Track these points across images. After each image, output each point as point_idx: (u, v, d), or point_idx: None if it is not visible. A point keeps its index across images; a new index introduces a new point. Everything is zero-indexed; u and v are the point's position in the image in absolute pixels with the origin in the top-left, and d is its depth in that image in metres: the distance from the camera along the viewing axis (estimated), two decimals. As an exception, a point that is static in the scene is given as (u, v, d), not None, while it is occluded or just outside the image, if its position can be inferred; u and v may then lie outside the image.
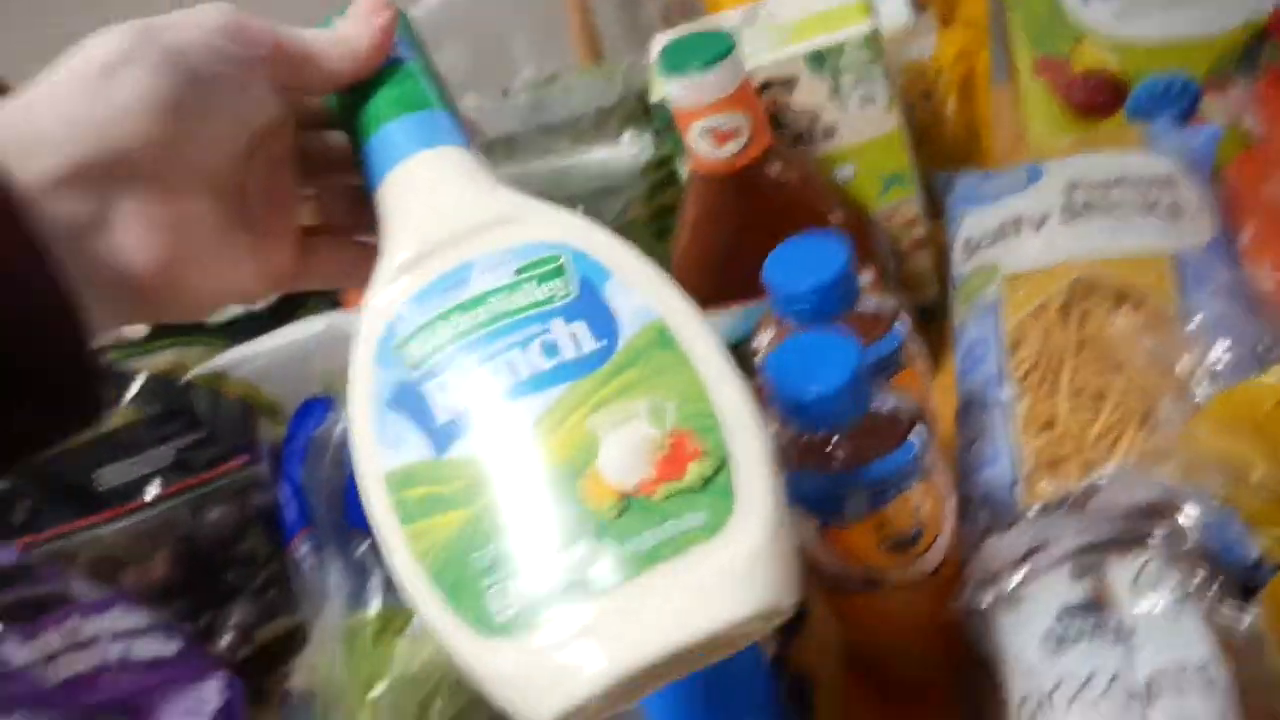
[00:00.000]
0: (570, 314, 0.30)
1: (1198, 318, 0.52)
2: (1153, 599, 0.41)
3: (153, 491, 0.56)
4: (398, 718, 0.50)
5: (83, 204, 0.28)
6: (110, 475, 0.55)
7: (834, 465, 0.41)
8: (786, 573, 0.28)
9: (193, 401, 0.56)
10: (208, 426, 0.56)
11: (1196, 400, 0.48)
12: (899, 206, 0.63)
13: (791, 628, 0.55)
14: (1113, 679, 0.39)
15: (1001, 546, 0.45)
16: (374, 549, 0.59)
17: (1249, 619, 0.42)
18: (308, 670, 0.58)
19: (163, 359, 0.63)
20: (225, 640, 0.61)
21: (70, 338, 0.27)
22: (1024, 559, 0.44)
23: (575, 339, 0.30)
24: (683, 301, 0.31)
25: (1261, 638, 0.42)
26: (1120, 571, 0.43)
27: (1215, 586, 0.43)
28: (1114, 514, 0.44)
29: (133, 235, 0.29)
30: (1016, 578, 0.44)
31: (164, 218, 0.29)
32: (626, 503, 0.28)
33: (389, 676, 0.52)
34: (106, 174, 0.28)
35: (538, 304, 0.31)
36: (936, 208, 0.68)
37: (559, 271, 0.31)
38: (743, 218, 0.56)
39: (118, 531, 0.57)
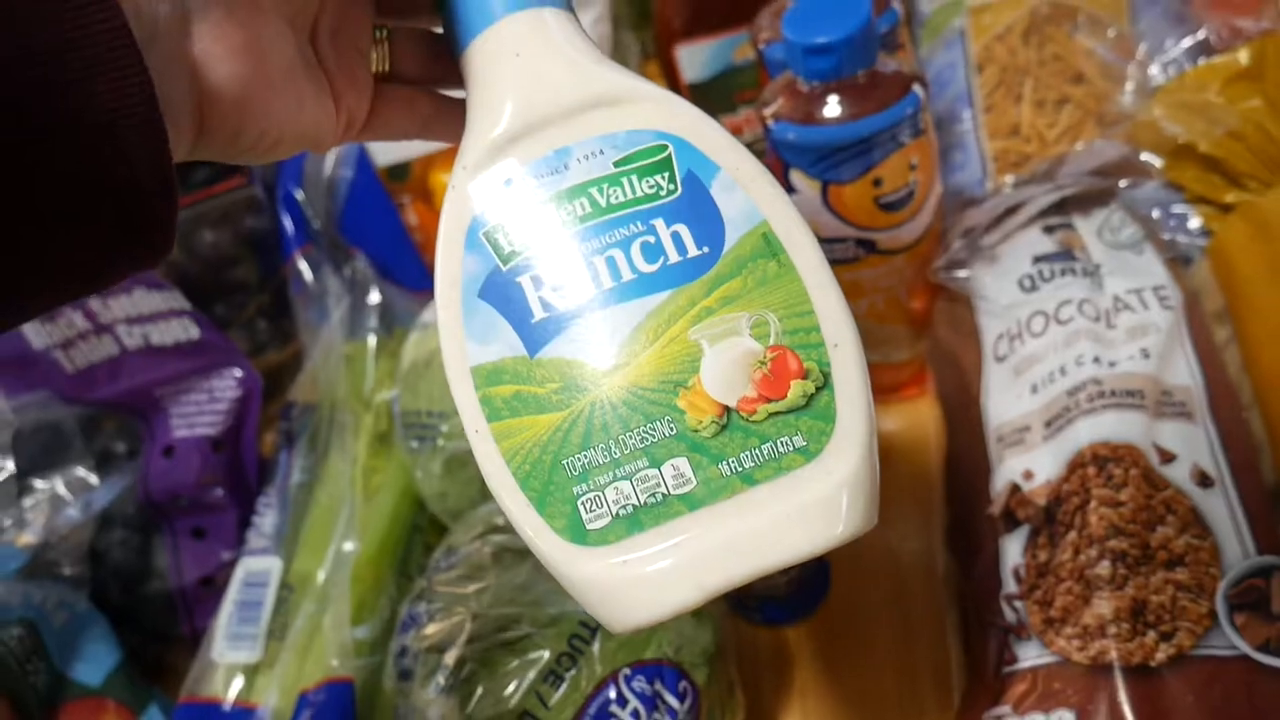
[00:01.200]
0: (674, 214, 0.29)
1: (1149, 23, 0.56)
2: (1116, 240, 0.46)
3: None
4: (413, 399, 0.52)
5: (167, 2, 0.26)
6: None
7: (840, 116, 0.44)
8: (875, 493, 0.28)
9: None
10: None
11: (1150, 89, 0.52)
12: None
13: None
14: (1082, 302, 0.44)
15: (979, 212, 0.49)
16: (369, 266, 0.61)
17: (1197, 261, 0.48)
18: (308, 384, 0.60)
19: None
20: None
21: (155, 143, 0.25)
22: (1000, 220, 0.49)
23: (679, 241, 0.29)
24: (787, 204, 0.30)
25: (1206, 279, 0.47)
26: (1087, 222, 0.47)
27: (1167, 237, 0.49)
28: (1080, 175, 0.49)
29: (212, 43, 0.27)
30: (994, 236, 0.48)
31: (242, 36, 0.27)
32: (727, 419, 0.28)
33: (400, 369, 0.54)
34: None
35: (641, 200, 0.29)
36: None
37: (664, 165, 0.30)
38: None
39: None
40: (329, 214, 0.60)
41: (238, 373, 0.53)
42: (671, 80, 0.66)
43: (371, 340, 0.59)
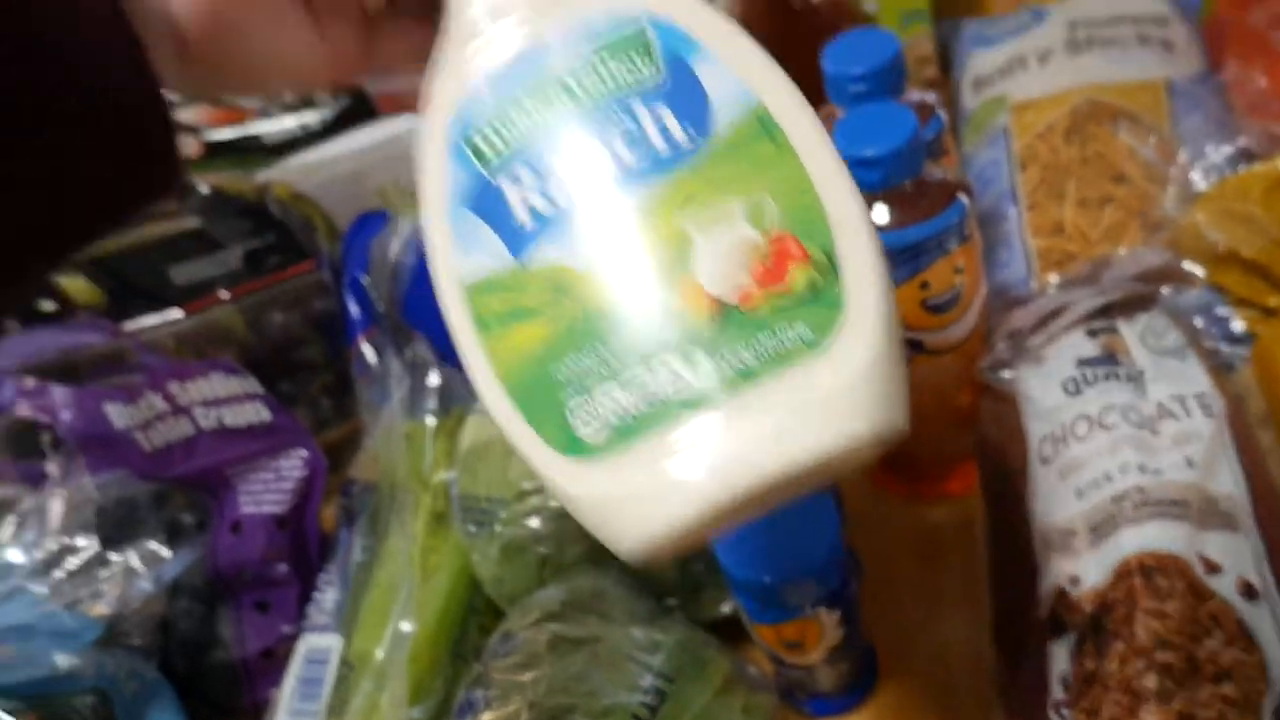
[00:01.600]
0: (657, 98, 0.27)
1: (1189, 128, 0.58)
2: (1159, 346, 0.47)
3: (225, 291, 0.59)
4: (472, 483, 0.54)
5: None
6: (183, 273, 0.58)
7: (887, 224, 0.46)
8: (899, 389, 0.25)
9: (266, 203, 0.58)
10: (279, 229, 0.58)
11: (1192, 194, 0.54)
12: (915, 43, 0.68)
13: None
14: (1127, 409, 0.45)
15: (1024, 313, 0.51)
16: (429, 349, 0.63)
17: (1239, 367, 0.49)
18: (368, 463, 0.62)
19: (214, 179, 0.66)
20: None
21: (145, 78, 0.25)
22: (1044, 321, 0.50)
23: (664, 129, 0.27)
24: (785, 81, 0.28)
25: (1249, 384, 0.48)
26: (1130, 327, 0.48)
27: (1209, 344, 0.50)
28: (1123, 279, 0.50)
29: None
30: (1039, 338, 0.50)
31: None
32: (725, 312, 0.25)
33: (458, 452, 0.56)
34: None
35: (621, 88, 0.28)
36: (943, 56, 0.73)
37: (646, 49, 0.28)
38: (771, 38, 0.60)
39: (186, 329, 0.59)
40: (392, 298, 0.63)
41: (304, 453, 0.56)
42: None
43: (430, 421, 0.61)
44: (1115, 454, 0.44)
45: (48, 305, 0.57)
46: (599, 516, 0.26)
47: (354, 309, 0.61)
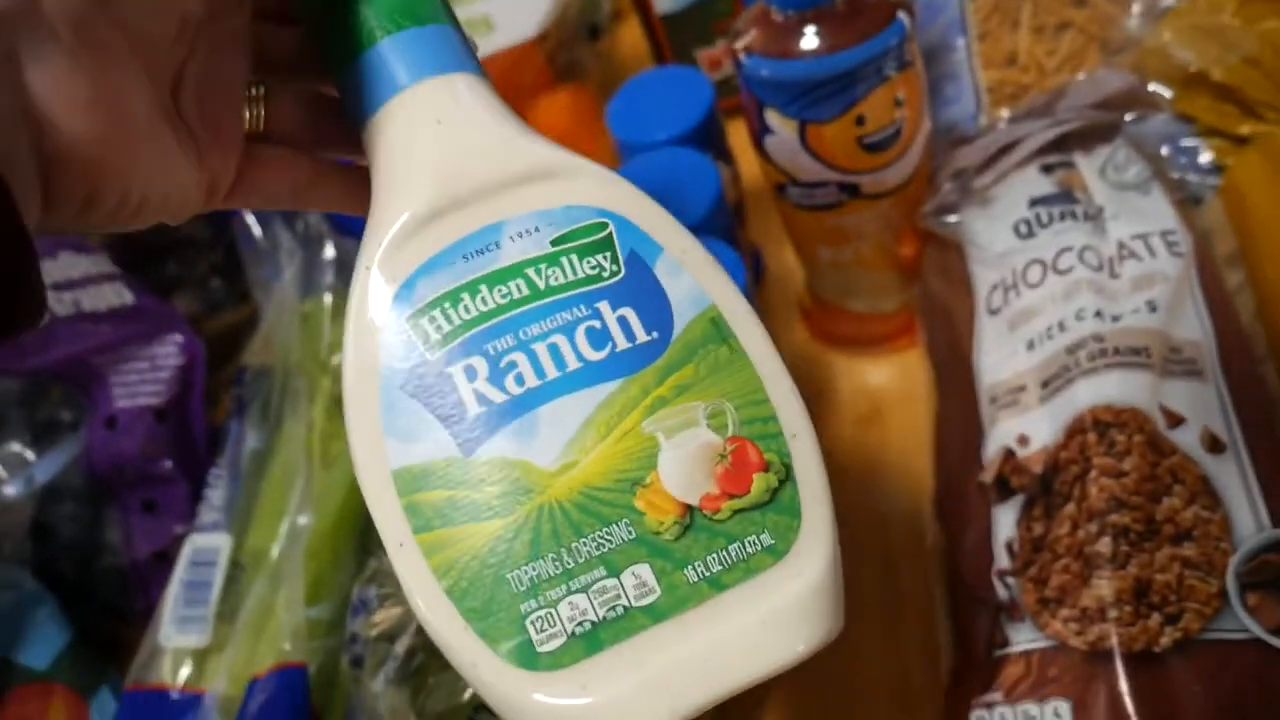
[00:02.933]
0: (619, 297, 0.27)
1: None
2: (1121, 180, 0.42)
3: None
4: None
5: None
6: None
7: (818, 48, 0.40)
8: (842, 596, 0.26)
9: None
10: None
11: (1160, 10, 0.48)
12: None
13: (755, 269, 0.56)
14: (1084, 249, 0.41)
15: (971, 150, 0.45)
16: (324, 221, 0.57)
17: (1208, 200, 0.44)
18: (262, 347, 0.56)
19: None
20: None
21: (5, 219, 0.22)
22: (993, 159, 0.45)
23: (627, 326, 0.27)
24: (733, 287, 0.28)
25: (1218, 219, 0.44)
26: (1089, 160, 0.43)
27: (1176, 176, 0.45)
28: (1081, 108, 0.45)
29: (54, 96, 0.23)
30: (987, 177, 0.45)
31: (91, 87, 0.24)
32: (690, 518, 0.25)
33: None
34: (18, 13, 0.23)
35: (582, 282, 0.27)
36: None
37: (606, 244, 0.27)
38: None
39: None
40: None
41: (178, 338, 0.50)
42: (644, 12, 0.61)
43: (327, 298, 0.55)
44: (1071, 300, 0.39)
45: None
46: None
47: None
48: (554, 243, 0.27)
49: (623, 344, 0.27)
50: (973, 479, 0.39)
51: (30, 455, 0.49)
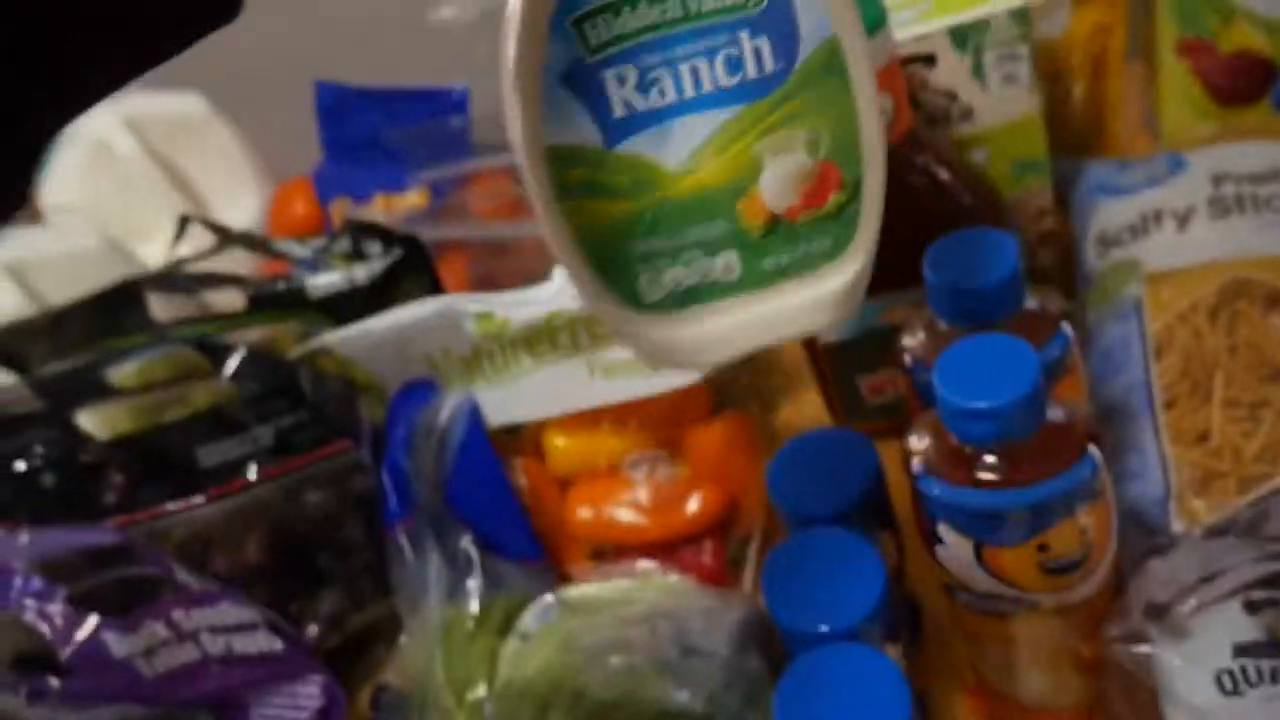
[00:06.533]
0: (758, 27, 0.31)
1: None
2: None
3: (253, 472, 0.54)
4: (506, 722, 0.48)
5: None
6: (209, 454, 0.53)
7: (1001, 479, 0.38)
8: (863, 294, 0.34)
9: (298, 379, 0.54)
10: (312, 407, 0.54)
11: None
12: (1031, 195, 0.59)
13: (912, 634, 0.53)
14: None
15: (1166, 572, 0.42)
16: (475, 543, 0.57)
17: None
18: (402, 668, 0.56)
19: (257, 334, 0.61)
20: (314, 629, 0.59)
21: None
22: (1193, 588, 0.41)
23: (759, 56, 0.31)
24: (854, 13, 0.31)
25: None
26: (1303, 605, 0.39)
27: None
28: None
29: None
30: (1185, 608, 0.41)
31: None
32: (775, 224, 0.32)
33: (496, 679, 0.50)
34: None
35: (728, 10, 0.30)
36: (1060, 197, 0.64)
37: None
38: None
39: (213, 512, 0.55)
40: (436, 479, 0.57)
41: (320, 679, 0.50)
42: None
43: (469, 624, 0.55)
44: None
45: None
46: (648, 348, 0.33)
47: (391, 499, 0.55)
48: None
49: (753, 72, 0.31)
50: None
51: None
